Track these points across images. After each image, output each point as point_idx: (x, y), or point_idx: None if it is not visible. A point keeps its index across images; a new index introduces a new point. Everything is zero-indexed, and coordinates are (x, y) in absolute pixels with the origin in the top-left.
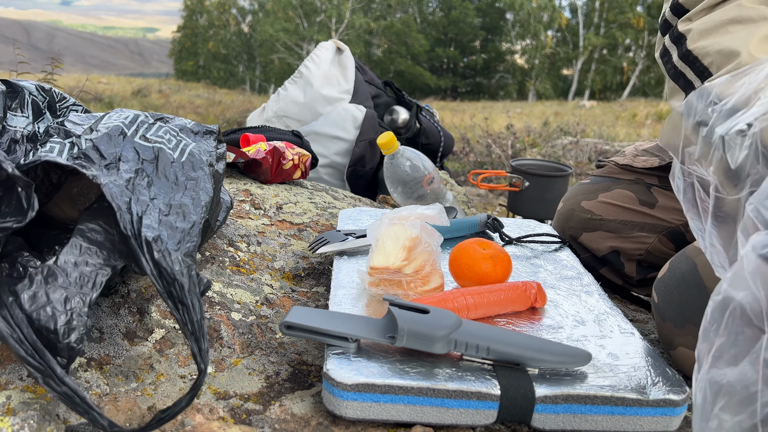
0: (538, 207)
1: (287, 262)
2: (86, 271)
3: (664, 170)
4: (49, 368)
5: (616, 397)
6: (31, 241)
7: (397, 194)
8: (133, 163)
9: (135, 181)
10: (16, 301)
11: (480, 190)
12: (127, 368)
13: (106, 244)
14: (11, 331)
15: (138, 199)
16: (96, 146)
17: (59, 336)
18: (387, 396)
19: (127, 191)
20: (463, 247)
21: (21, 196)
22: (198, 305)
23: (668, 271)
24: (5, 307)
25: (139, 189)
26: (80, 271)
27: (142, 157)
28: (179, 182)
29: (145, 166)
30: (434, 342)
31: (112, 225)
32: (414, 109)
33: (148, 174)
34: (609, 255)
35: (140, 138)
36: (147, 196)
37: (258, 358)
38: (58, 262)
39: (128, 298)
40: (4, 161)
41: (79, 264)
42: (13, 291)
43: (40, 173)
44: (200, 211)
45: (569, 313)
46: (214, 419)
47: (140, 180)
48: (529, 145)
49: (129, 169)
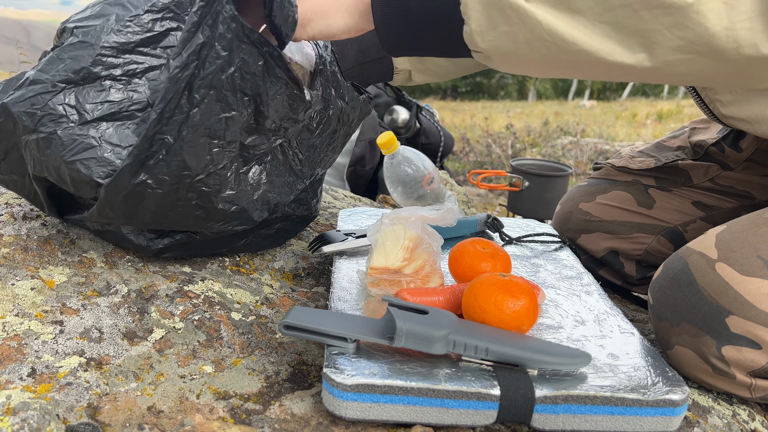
0: (538, 207)
1: (287, 262)
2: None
3: (660, 171)
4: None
5: (616, 397)
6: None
7: (397, 194)
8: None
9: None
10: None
11: (480, 190)
12: (127, 368)
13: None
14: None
15: None
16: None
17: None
18: (387, 396)
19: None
20: (463, 246)
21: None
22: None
23: (662, 272)
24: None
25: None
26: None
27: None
28: None
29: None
30: (433, 342)
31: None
32: (414, 108)
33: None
34: (607, 256)
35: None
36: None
37: (258, 358)
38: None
39: (128, 298)
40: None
41: None
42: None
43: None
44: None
45: (569, 313)
46: (214, 419)
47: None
48: (529, 145)
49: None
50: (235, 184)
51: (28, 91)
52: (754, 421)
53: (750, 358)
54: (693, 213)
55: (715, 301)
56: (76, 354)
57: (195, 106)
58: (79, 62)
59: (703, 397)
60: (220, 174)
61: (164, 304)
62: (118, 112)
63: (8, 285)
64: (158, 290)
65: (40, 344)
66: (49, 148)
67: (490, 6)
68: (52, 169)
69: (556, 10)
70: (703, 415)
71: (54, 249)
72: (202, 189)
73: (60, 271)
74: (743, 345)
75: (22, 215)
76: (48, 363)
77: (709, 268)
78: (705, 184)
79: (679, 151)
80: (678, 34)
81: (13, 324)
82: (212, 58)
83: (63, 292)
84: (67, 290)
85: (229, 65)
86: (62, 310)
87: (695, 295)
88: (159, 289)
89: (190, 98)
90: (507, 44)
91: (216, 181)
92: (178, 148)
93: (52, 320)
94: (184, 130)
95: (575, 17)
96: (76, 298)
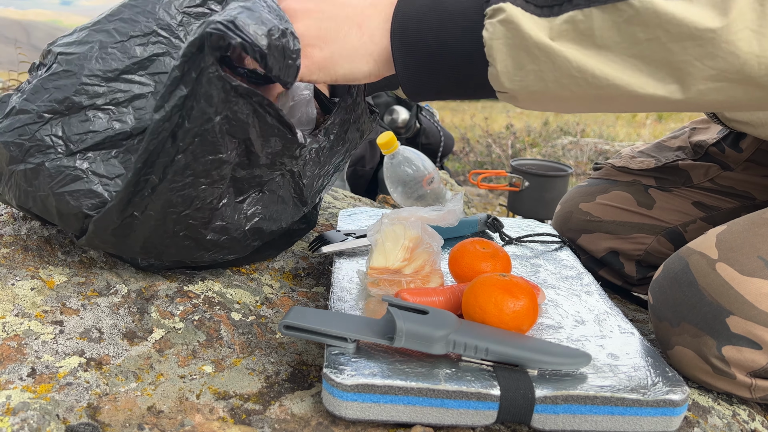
0: (538, 207)
1: (287, 262)
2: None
3: (660, 171)
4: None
5: (616, 397)
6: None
7: (397, 194)
8: None
9: None
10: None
11: (480, 190)
12: (127, 368)
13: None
14: None
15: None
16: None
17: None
18: (387, 396)
19: None
20: (463, 246)
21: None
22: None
23: (662, 272)
24: None
25: None
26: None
27: None
28: None
29: None
30: (433, 342)
31: None
32: (414, 108)
33: None
34: (607, 256)
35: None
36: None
37: (258, 358)
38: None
39: (128, 298)
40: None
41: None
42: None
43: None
44: None
45: (569, 313)
46: (213, 419)
47: None
48: (529, 145)
49: None
50: (227, 214)
51: (15, 121)
52: (754, 421)
53: (750, 359)
54: (693, 213)
55: (716, 301)
56: (76, 354)
57: (180, 152)
58: (62, 92)
59: (703, 397)
60: (208, 207)
61: (164, 304)
62: (102, 142)
63: (8, 285)
64: (158, 290)
65: (40, 344)
66: (37, 178)
67: (515, 47)
68: (38, 200)
69: (583, 48)
70: (703, 415)
71: (54, 249)
72: (189, 222)
73: (60, 271)
74: (743, 345)
75: (22, 215)
76: (48, 363)
77: (710, 268)
78: (705, 185)
79: (680, 151)
80: (709, 64)
81: (13, 324)
82: (197, 112)
83: (63, 292)
84: (67, 290)
85: (215, 115)
86: (62, 310)
87: (695, 295)
88: (159, 289)
89: (174, 145)
90: (535, 83)
91: (204, 214)
92: (163, 189)
93: (52, 320)
94: (169, 173)
95: (603, 53)
96: (76, 298)
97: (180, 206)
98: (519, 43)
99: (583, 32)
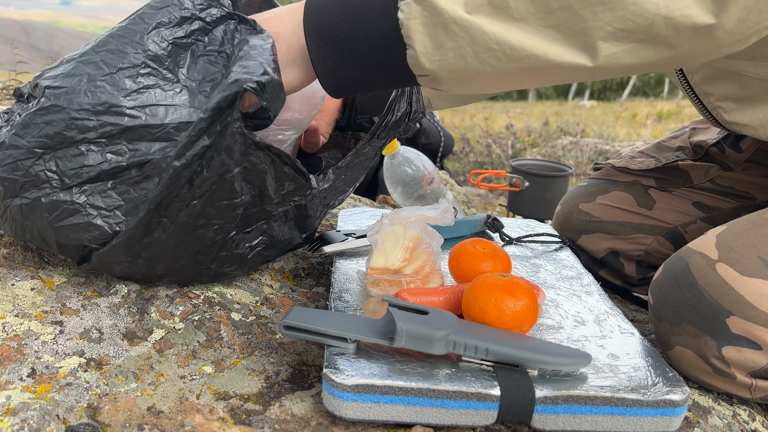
0: (538, 207)
1: (287, 262)
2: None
3: (660, 172)
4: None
5: (617, 397)
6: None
7: (397, 194)
8: None
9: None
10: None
11: (480, 190)
12: (127, 368)
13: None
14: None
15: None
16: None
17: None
18: (387, 397)
19: None
20: (463, 246)
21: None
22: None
23: (662, 273)
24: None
25: None
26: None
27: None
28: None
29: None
30: (433, 343)
31: None
32: None
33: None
34: (607, 256)
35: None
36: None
37: (258, 358)
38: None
39: (128, 298)
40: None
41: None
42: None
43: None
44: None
45: (569, 314)
46: (213, 419)
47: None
48: (529, 145)
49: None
50: (232, 246)
51: (6, 156)
52: (754, 421)
53: (750, 359)
54: (693, 213)
55: (716, 301)
56: (76, 354)
57: (196, 198)
58: (53, 127)
59: (703, 397)
60: (218, 243)
61: (164, 305)
62: (97, 176)
63: (8, 285)
64: (158, 290)
65: (40, 344)
66: (34, 213)
67: (433, 25)
68: (36, 233)
69: (499, 20)
70: (704, 415)
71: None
72: (198, 257)
73: (60, 271)
74: (743, 345)
75: None
76: (48, 363)
77: (710, 268)
78: (705, 185)
79: (680, 151)
80: (619, 27)
81: (13, 324)
82: (217, 163)
83: (63, 293)
84: (67, 290)
85: (235, 167)
86: (62, 310)
87: (696, 295)
88: (159, 289)
89: (191, 191)
90: (455, 61)
91: (211, 249)
92: (175, 231)
93: (52, 320)
94: (183, 217)
95: (519, 24)
96: (76, 299)
97: (191, 245)
98: (436, 21)
99: (499, 5)
